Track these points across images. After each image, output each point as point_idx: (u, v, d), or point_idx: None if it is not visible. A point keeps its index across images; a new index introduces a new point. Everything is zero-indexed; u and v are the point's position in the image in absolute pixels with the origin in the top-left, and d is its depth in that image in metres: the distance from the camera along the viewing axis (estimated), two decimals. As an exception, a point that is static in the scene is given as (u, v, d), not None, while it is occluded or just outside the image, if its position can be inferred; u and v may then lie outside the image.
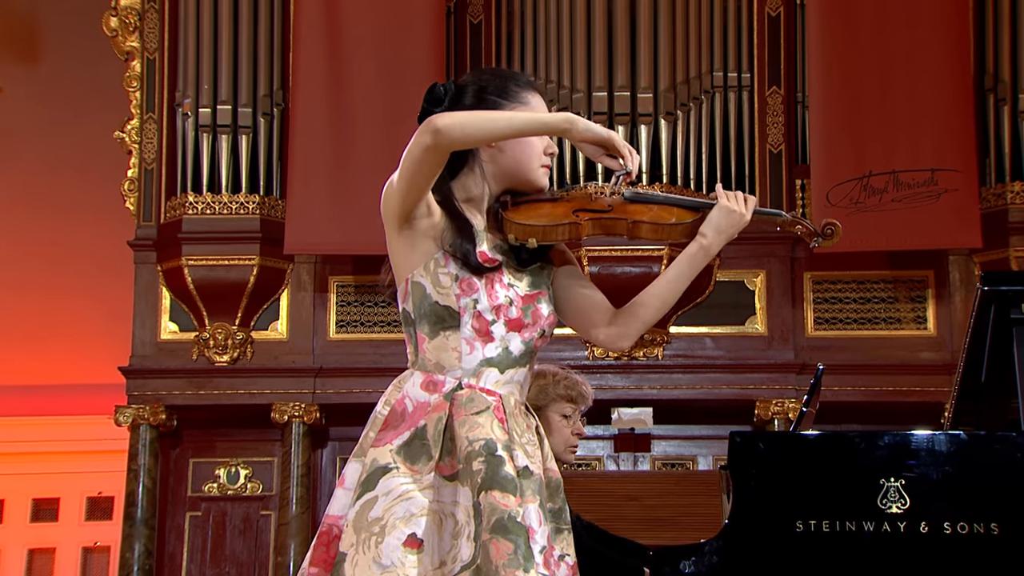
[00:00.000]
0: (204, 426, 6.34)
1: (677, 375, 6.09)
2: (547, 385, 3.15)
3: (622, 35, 6.14)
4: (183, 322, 6.27)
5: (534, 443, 2.27)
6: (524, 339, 2.29)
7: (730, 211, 2.34)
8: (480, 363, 2.26)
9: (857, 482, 2.81)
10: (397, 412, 2.25)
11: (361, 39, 5.99)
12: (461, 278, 2.26)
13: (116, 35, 6.42)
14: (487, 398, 2.24)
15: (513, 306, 2.27)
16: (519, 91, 2.34)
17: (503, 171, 2.33)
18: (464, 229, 2.27)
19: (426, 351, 2.28)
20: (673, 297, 2.35)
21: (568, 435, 3.16)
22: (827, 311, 6.17)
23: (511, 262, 2.31)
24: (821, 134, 5.92)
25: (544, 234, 2.29)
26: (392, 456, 2.20)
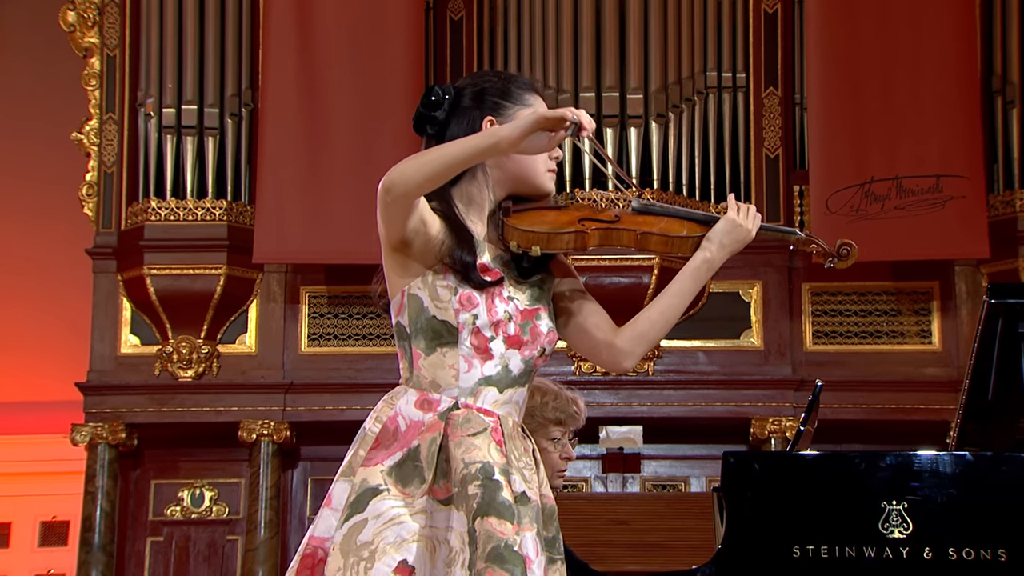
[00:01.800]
0: (167, 445, 6.31)
1: (668, 391, 6.10)
2: (535, 408, 3.13)
3: (611, 32, 6.16)
4: (145, 335, 6.25)
5: (531, 467, 2.27)
6: (524, 357, 2.29)
7: (736, 225, 2.38)
8: (478, 382, 2.26)
9: (857, 505, 2.82)
10: (389, 431, 2.25)
11: (335, 36, 5.99)
12: (461, 292, 2.26)
13: (74, 30, 6.41)
14: (484, 419, 2.24)
15: (512, 322, 2.28)
16: (520, 93, 2.36)
17: (508, 176, 2.34)
18: (464, 240, 2.28)
19: (421, 368, 2.28)
20: (677, 313, 2.37)
21: (556, 460, 3.15)
22: (826, 324, 6.19)
23: (511, 273, 2.32)
24: (820, 138, 5.94)
25: (548, 242, 2.30)
26: (383, 477, 2.20)
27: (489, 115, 2.34)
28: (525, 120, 2.17)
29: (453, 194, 2.32)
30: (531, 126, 2.16)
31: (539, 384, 3.21)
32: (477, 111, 2.34)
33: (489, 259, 2.30)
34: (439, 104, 2.35)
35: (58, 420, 6.53)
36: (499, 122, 2.33)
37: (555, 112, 2.18)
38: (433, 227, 2.27)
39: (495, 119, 2.33)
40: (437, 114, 2.35)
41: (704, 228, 2.38)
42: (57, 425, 6.56)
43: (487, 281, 2.27)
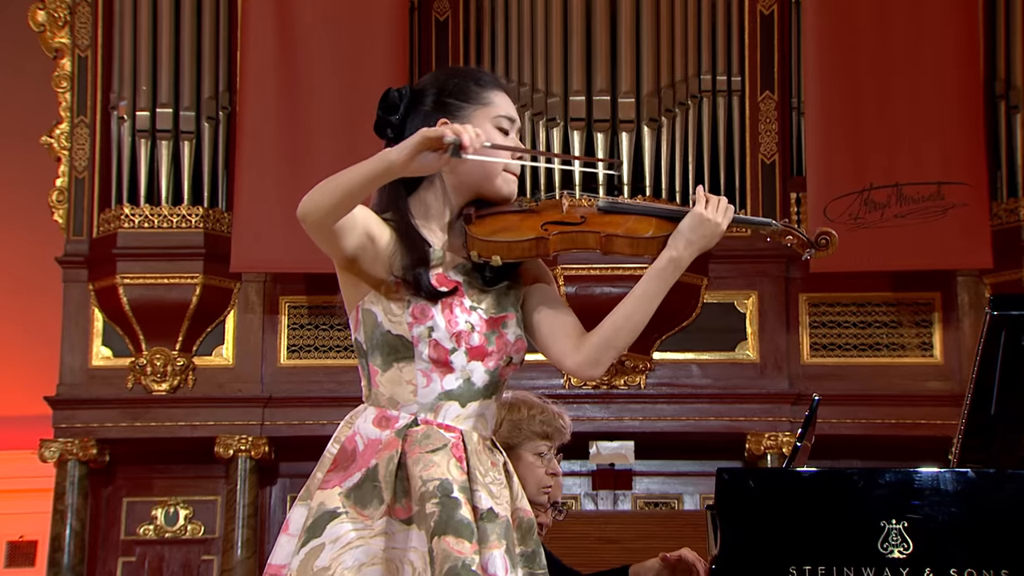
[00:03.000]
0: (140, 462, 6.30)
1: (661, 406, 6.11)
2: (521, 421, 3.15)
3: (602, 34, 6.18)
4: (117, 347, 6.24)
5: (500, 482, 2.28)
6: (488, 368, 2.29)
7: (703, 220, 2.32)
8: (438, 396, 2.27)
9: (856, 524, 2.84)
10: (347, 451, 2.27)
11: (316, 37, 6.01)
12: (414, 304, 2.27)
13: (43, 30, 6.41)
14: (445, 435, 2.25)
15: (476, 332, 2.28)
16: (480, 91, 2.36)
17: (464, 183, 2.34)
18: (416, 251, 2.28)
19: (379, 384, 2.30)
20: (645, 317, 2.32)
21: (542, 475, 3.16)
22: (824, 336, 6.21)
23: (475, 282, 2.32)
24: (818, 143, 5.97)
25: (508, 251, 2.30)
26: (341, 500, 2.21)
27: (443, 118, 2.33)
28: (411, 141, 2.14)
29: (410, 203, 2.33)
30: (415, 147, 2.13)
31: (525, 397, 3.22)
32: (432, 113, 2.35)
33: (448, 268, 2.31)
34: (395, 107, 2.36)
35: (26, 435, 6.51)
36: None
37: (435, 131, 2.14)
38: (382, 240, 2.28)
39: (449, 121, 2.32)
40: (393, 118, 2.36)
41: (673, 225, 2.33)
42: (25, 441, 6.53)
43: (441, 292, 2.27)
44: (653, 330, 6.08)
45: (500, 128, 2.36)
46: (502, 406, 3.16)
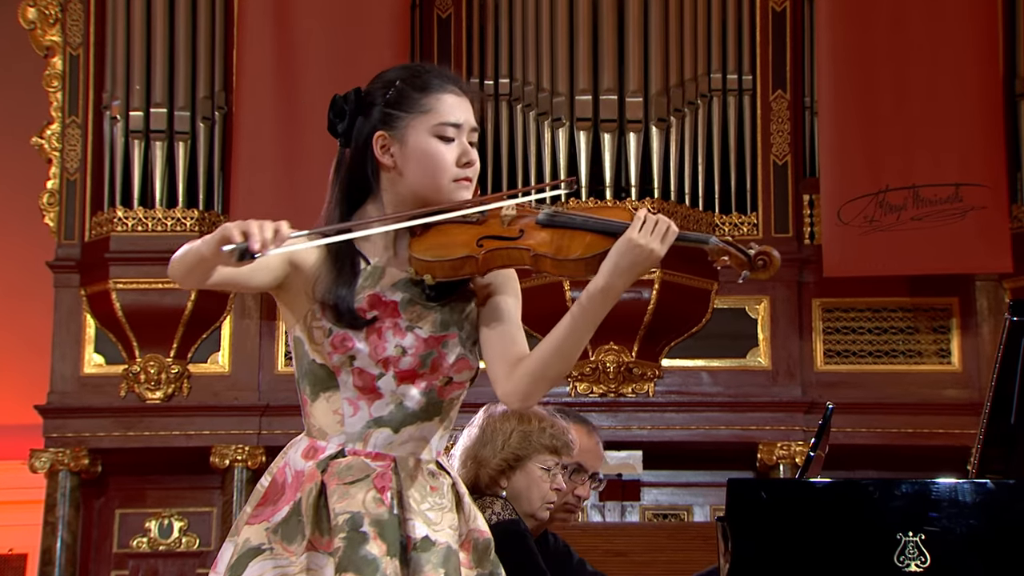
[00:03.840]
0: (133, 472, 6.31)
1: (670, 414, 6.11)
2: (531, 432, 3.16)
3: (609, 31, 6.18)
4: (110, 354, 6.25)
5: (442, 507, 2.26)
6: (422, 389, 2.25)
7: (633, 246, 2.16)
8: (366, 425, 2.25)
9: (872, 536, 2.83)
10: (278, 484, 2.27)
11: (314, 34, 6.01)
12: (335, 333, 2.24)
13: (34, 28, 6.43)
14: (371, 464, 2.23)
15: (407, 355, 2.23)
16: (420, 98, 2.29)
17: (409, 195, 2.28)
18: (340, 276, 2.24)
19: (311, 415, 2.30)
20: (574, 347, 2.20)
21: (546, 490, 3.17)
22: (839, 343, 6.21)
23: (418, 298, 2.27)
24: (832, 144, 5.97)
25: (440, 270, 2.23)
26: (267, 536, 2.21)
27: (380, 130, 2.28)
28: (211, 236, 2.07)
29: (356, 217, 2.30)
30: (216, 242, 2.05)
31: (536, 410, 3.23)
32: (370, 124, 2.30)
33: (387, 285, 2.26)
34: (342, 113, 2.32)
35: (16, 445, 6.51)
36: (390, 136, 2.27)
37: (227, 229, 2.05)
38: (306, 265, 2.26)
39: (385, 134, 2.28)
40: (339, 126, 2.32)
41: (611, 242, 2.18)
42: (14, 450, 6.54)
43: (360, 321, 2.22)
44: (662, 336, 6.08)
45: (441, 136, 2.27)
46: (512, 417, 3.17)
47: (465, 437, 3.20)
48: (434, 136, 2.28)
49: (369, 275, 2.27)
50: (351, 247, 2.27)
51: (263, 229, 2.05)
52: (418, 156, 2.27)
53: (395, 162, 2.29)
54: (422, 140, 2.27)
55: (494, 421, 3.18)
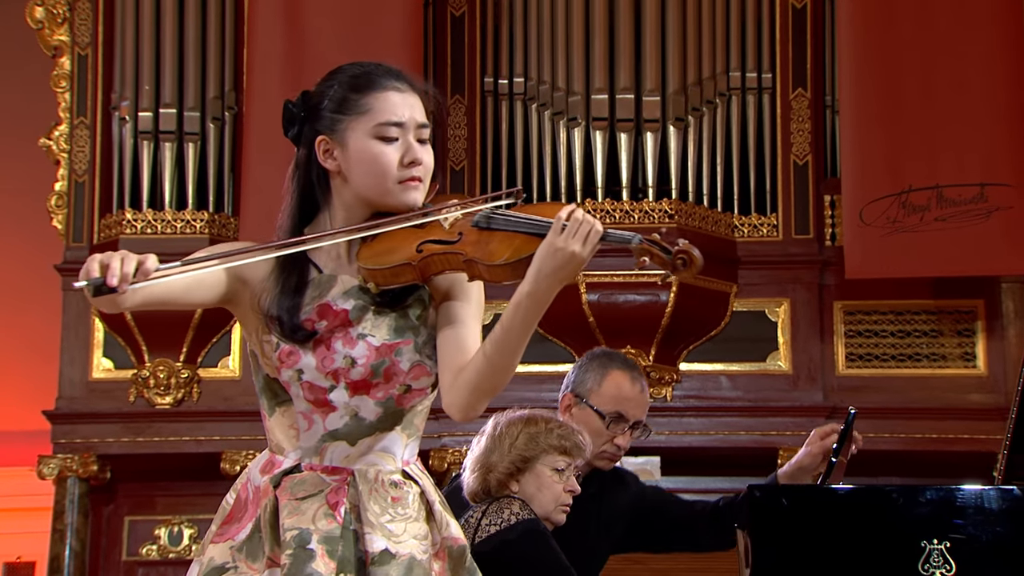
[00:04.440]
0: (142, 479, 6.32)
1: (688, 419, 6.10)
2: (538, 433, 3.17)
3: (625, 29, 6.18)
4: (119, 358, 6.26)
5: (406, 516, 2.24)
6: (379, 400, 2.24)
7: (554, 250, 2.09)
8: (322, 438, 2.24)
9: (895, 544, 2.83)
10: (241, 501, 2.28)
11: (326, 33, 6.02)
12: (281, 347, 2.23)
13: (42, 27, 6.45)
14: (326, 479, 2.23)
15: (357, 366, 2.21)
16: (358, 98, 2.26)
17: (357, 199, 2.26)
18: (285, 288, 2.23)
19: (269, 429, 2.30)
20: (508, 357, 2.14)
21: (559, 492, 3.17)
22: (861, 346, 6.20)
23: (371, 305, 2.24)
24: (854, 143, 5.95)
25: (381, 278, 2.21)
26: (232, 554, 2.22)
27: (323, 135, 2.27)
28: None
29: (312, 227, 2.29)
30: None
31: (543, 412, 3.24)
32: (313, 128, 2.29)
33: (339, 294, 2.24)
34: (293, 120, 2.32)
35: (23, 451, 6.53)
36: (332, 140, 2.25)
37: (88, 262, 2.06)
38: (255, 279, 2.25)
39: (327, 138, 2.27)
40: (291, 133, 2.32)
41: (537, 245, 2.12)
42: (22, 457, 6.56)
43: (305, 334, 2.21)
44: (680, 340, 6.07)
45: (383, 137, 2.24)
46: (519, 421, 3.18)
47: (474, 446, 3.22)
48: (375, 137, 2.25)
49: (320, 284, 2.25)
50: (302, 257, 2.24)
51: (125, 263, 2.03)
52: (360, 159, 2.24)
53: (339, 166, 2.27)
54: (362, 142, 2.24)
55: (501, 426, 3.19)
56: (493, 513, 3.07)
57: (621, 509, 3.50)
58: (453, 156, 6.28)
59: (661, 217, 5.97)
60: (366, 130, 2.25)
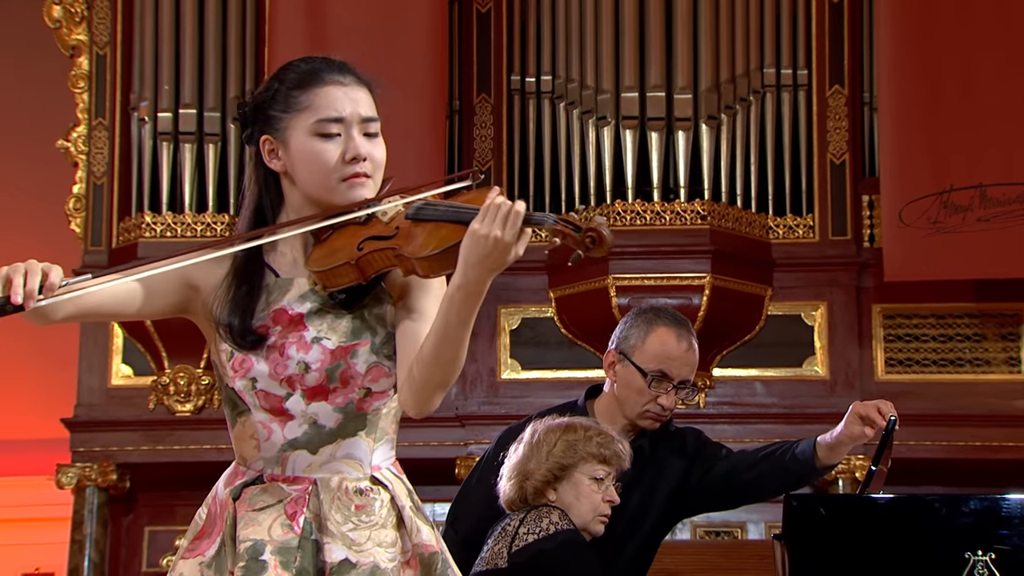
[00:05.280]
0: (162, 488, 6.34)
1: (722, 426, 6.08)
2: (577, 441, 3.15)
3: (656, 25, 6.17)
4: (138, 365, 6.29)
5: (370, 524, 2.23)
6: (339, 405, 2.22)
7: (477, 238, 2.03)
8: (282, 448, 2.24)
9: (938, 556, 2.81)
10: (212, 515, 2.29)
11: (349, 31, 6.03)
12: (235, 356, 2.23)
13: (60, 26, 6.48)
14: (285, 489, 2.23)
15: (311, 371, 2.20)
16: (297, 95, 2.24)
17: (306, 198, 2.25)
18: (237, 294, 2.22)
19: (233, 440, 2.30)
20: (451, 351, 2.09)
21: (598, 502, 3.16)
22: (901, 351, 6.17)
23: (328, 307, 2.23)
24: (893, 141, 5.92)
25: (325, 279, 2.19)
26: (202, 570, 2.23)
27: (267, 135, 2.26)
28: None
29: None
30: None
31: (583, 420, 3.23)
32: (258, 128, 2.27)
33: (295, 297, 2.23)
34: (243, 120, 2.30)
35: (41, 460, 6.56)
36: (275, 140, 2.24)
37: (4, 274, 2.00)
38: (208, 286, 2.24)
39: (271, 138, 2.25)
40: (244, 133, 2.31)
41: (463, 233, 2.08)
42: (40, 466, 6.59)
43: (255, 339, 2.20)
44: (713, 345, 6.06)
45: (323, 134, 2.22)
46: (558, 427, 3.17)
47: (512, 454, 3.21)
48: (314, 135, 2.23)
49: (276, 288, 2.25)
50: (258, 261, 2.23)
51: (29, 278, 1.99)
52: (301, 158, 2.23)
53: (284, 167, 2.26)
54: (302, 141, 2.23)
55: (539, 433, 3.18)
56: (531, 522, 3.06)
57: (674, 472, 3.47)
58: (479, 157, 6.28)
59: (693, 218, 5.96)
60: (305, 128, 2.23)
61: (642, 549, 3.47)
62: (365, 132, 2.26)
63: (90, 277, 2.12)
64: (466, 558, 3.27)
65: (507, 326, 6.16)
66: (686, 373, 3.44)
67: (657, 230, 5.96)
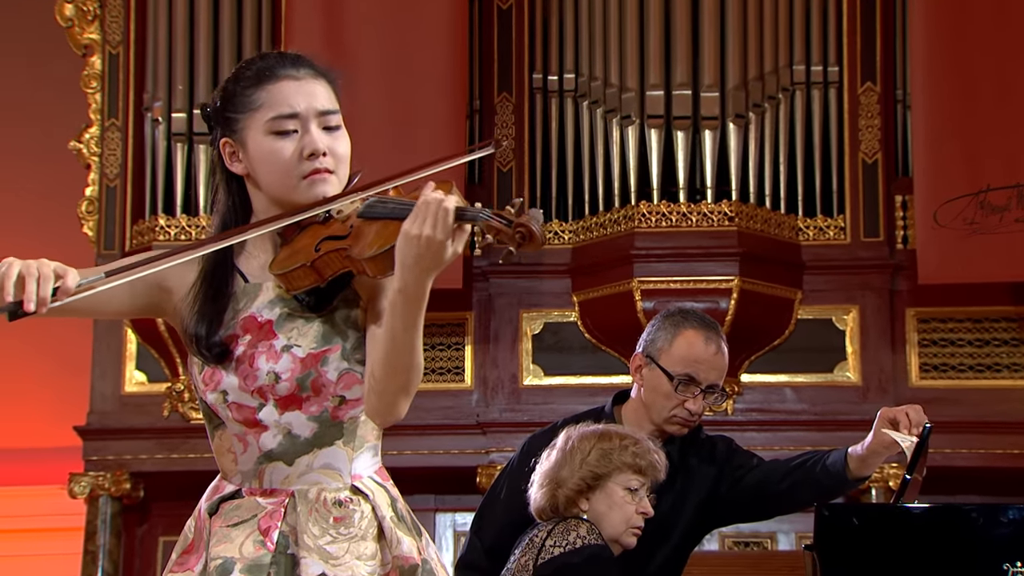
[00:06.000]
0: (177, 497, 6.35)
1: (751, 433, 6.06)
2: (612, 450, 3.13)
3: (682, 21, 6.16)
4: (152, 371, 6.30)
5: (349, 536, 2.21)
6: (313, 414, 2.20)
7: (409, 238, 2.00)
8: (258, 460, 2.23)
9: (975, 567, 2.79)
10: (198, 529, 2.29)
11: (366, 29, 6.04)
12: (205, 368, 2.22)
13: (72, 25, 6.51)
14: (261, 503, 2.22)
15: (282, 381, 2.18)
16: (251, 93, 2.22)
17: (269, 205, 2.23)
18: (204, 304, 2.20)
19: (214, 453, 2.30)
20: (402, 358, 2.08)
21: (631, 513, 3.14)
22: (936, 356, 6.14)
23: (298, 311, 2.21)
24: (927, 139, 5.90)
25: (287, 283, 2.16)
26: None
27: (225, 137, 2.24)
28: None
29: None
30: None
31: (619, 428, 3.21)
32: (219, 131, 2.25)
33: (264, 303, 2.21)
34: (208, 123, 2.28)
35: (53, 469, 6.58)
36: (234, 142, 2.22)
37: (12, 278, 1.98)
38: (180, 288, 2.22)
39: (230, 140, 2.24)
40: (211, 137, 2.29)
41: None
42: (52, 475, 6.61)
43: (222, 353, 2.17)
44: (741, 350, 6.04)
45: (278, 132, 2.19)
46: (592, 435, 3.15)
47: (544, 460, 3.20)
48: (270, 133, 2.21)
49: (245, 294, 2.23)
50: (225, 267, 2.21)
51: (42, 284, 1.98)
52: (260, 159, 2.21)
53: (245, 169, 2.24)
54: (259, 140, 2.21)
55: (573, 440, 3.17)
56: (559, 534, 3.05)
57: (705, 481, 3.45)
58: (500, 157, 6.28)
59: (720, 220, 5.95)
60: (260, 127, 2.21)
61: (671, 559, 3.46)
62: (324, 126, 2.23)
63: (103, 276, 2.10)
64: (492, 568, 3.27)
65: (529, 331, 6.15)
66: (714, 377, 3.43)
67: (683, 232, 5.95)
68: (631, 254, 5.91)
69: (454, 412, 6.12)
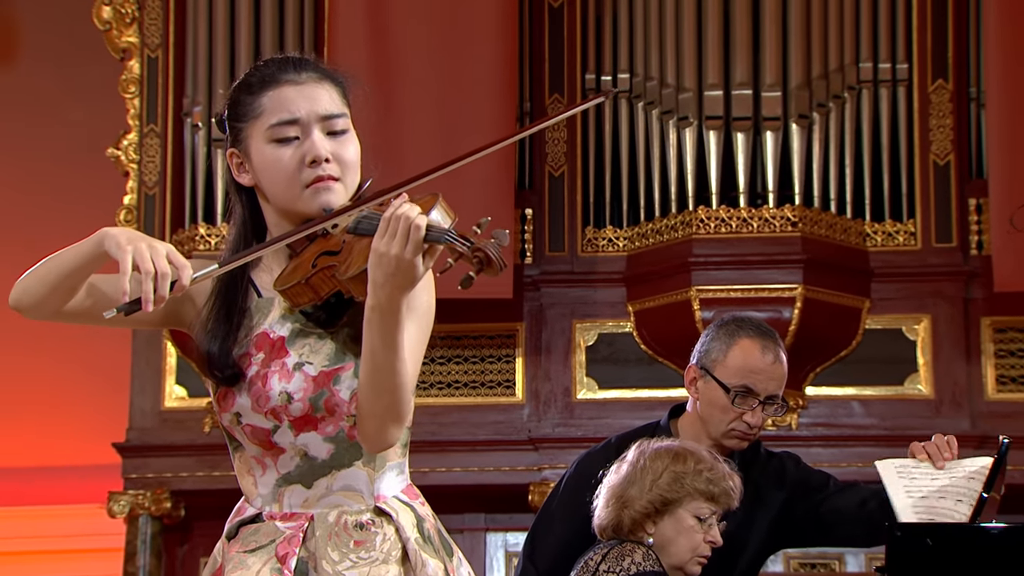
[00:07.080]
0: (219, 516, 6.30)
1: (817, 449, 6.02)
2: (685, 474, 3.09)
3: (742, 17, 6.14)
4: (193, 386, 6.34)
5: (370, 560, 2.20)
6: (328, 435, 2.19)
7: (378, 256, 1.99)
8: (277, 483, 2.22)
9: (1057, 590, 2.75)
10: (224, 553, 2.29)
11: (412, 30, 6.06)
12: (219, 389, 2.21)
13: (110, 28, 6.56)
14: (280, 527, 2.21)
15: (295, 401, 2.17)
16: (251, 101, 2.22)
17: (280, 217, 2.22)
18: (217, 322, 2.18)
19: (236, 475, 2.30)
20: (385, 379, 2.07)
21: (699, 542, 3.10)
22: (1013, 367, 6.09)
23: (312, 328, 2.20)
24: (1002, 140, 5.86)
25: (289, 298, 2.15)
26: None
27: (231, 147, 2.24)
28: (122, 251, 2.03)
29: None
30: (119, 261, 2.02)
31: (695, 449, 3.17)
32: (227, 142, 2.25)
33: (276, 319, 2.20)
34: (220, 131, 2.28)
35: (92, 487, 6.63)
36: (240, 152, 2.21)
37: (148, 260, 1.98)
38: (199, 299, 2.22)
39: (236, 151, 2.23)
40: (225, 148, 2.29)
41: None
42: (91, 493, 6.65)
43: (234, 376, 2.16)
44: (806, 361, 6.00)
45: (278, 139, 2.19)
46: (665, 455, 3.12)
47: (612, 473, 3.17)
48: (271, 141, 2.20)
49: (258, 310, 2.22)
50: (240, 283, 2.20)
51: (162, 281, 1.97)
52: (262, 168, 2.20)
53: (252, 180, 2.23)
54: (261, 149, 2.20)
55: (645, 458, 3.13)
56: (613, 559, 3.03)
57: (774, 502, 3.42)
58: (552, 161, 6.28)
59: (783, 225, 5.92)
60: (262, 135, 2.20)
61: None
62: (329, 131, 2.22)
63: (216, 267, 2.10)
64: None
65: (583, 342, 6.14)
66: (773, 388, 3.39)
67: (744, 238, 5.92)
68: (689, 262, 5.89)
69: (505, 427, 6.11)
